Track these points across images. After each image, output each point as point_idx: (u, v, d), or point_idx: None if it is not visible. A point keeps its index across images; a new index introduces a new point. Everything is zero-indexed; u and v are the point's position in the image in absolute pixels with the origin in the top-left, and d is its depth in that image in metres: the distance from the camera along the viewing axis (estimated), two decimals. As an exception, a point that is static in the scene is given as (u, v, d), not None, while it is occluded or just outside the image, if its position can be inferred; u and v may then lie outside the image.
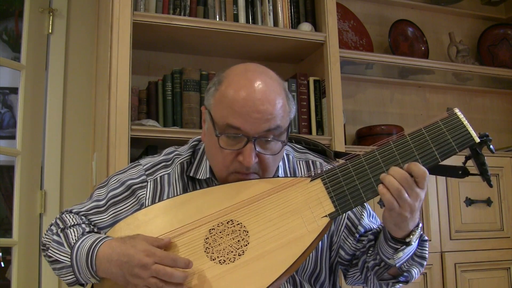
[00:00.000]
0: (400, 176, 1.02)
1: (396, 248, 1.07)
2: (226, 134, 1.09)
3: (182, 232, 1.07)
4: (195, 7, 2.11)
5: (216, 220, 1.07)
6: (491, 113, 3.02)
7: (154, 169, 1.25)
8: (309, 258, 1.21)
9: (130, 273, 1.00)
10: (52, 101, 2.36)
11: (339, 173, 1.08)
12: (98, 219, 1.21)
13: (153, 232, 1.07)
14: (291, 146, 1.34)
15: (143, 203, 1.21)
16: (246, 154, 1.08)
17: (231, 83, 1.11)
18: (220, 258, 1.03)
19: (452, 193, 2.31)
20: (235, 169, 1.12)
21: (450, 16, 3.01)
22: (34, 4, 2.37)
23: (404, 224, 1.04)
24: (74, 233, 1.13)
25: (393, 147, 1.08)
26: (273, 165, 1.16)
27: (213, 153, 1.15)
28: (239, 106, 1.07)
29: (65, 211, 1.24)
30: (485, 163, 1.12)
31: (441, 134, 1.08)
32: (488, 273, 2.32)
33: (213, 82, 1.17)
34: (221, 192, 1.11)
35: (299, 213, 1.06)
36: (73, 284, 1.14)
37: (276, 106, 1.10)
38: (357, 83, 2.73)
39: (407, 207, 1.01)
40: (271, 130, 1.09)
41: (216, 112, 1.12)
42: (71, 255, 1.09)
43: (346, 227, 1.24)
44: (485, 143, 1.11)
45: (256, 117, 1.07)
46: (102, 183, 1.28)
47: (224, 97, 1.10)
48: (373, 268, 1.15)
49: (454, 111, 1.11)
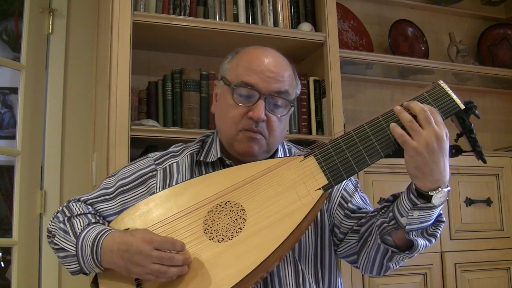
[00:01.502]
0: (416, 107, 1.07)
1: (415, 203, 1.06)
2: (240, 89, 1.20)
3: (182, 215, 1.10)
4: (195, 7, 2.11)
5: (214, 202, 1.11)
6: (491, 113, 3.02)
7: (163, 159, 1.29)
8: (308, 240, 1.22)
9: (131, 261, 1.02)
10: (52, 101, 2.36)
11: (330, 148, 1.12)
12: (105, 207, 1.22)
13: (154, 219, 1.11)
14: (293, 145, 1.38)
15: (154, 192, 1.23)
16: (257, 109, 1.18)
17: (247, 51, 1.27)
18: (218, 236, 1.06)
19: (452, 193, 2.31)
20: (244, 126, 1.19)
21: (450, 16, 3.01)
22: (34, 4, 2.37)
23: (427, 168, 1.04)
24: (80, 223, 1.15)
25: (381, 120, 1.12)
26: (278, 131, 1.23)
27: (224, 111, 1.23)
28: (254, 65, 1.21)
29: (72, 200, 1.25)
30: (473, 130, 1.15)
31: (428, 104, 1.12)
32: (488, 273, 2.32)
33: (229, 54, 1.30)
34: (218, 177, 1.15)
35: (293, 188, 1.10)
36: (76, 273, 1.15)
37: (286, 73, 1.24)
38: (357, 83, 2.73)
39: (422, 140, 1.03)
40: (281, 93, 1.21)
41: (232, 74, 1.24)
42: (77, 245, 1.10)
43: (339, 205, 1.27)
44: (470, 110, 1.15)
45: (269, 76, 1.20)
46: (111, 174, 1.31)
47: (241, 60, 1.24)
48: (380, 225, 1.12)
49: (438, 82, 1.16)
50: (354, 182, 1.32)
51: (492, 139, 2.97)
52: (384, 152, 1.10)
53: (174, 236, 1.06)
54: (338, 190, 1.28)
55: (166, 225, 1.09)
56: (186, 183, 1.17)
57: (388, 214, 1.12)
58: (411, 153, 1.04)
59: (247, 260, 1.02)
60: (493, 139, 2.96)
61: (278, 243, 1.03)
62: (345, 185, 1.29)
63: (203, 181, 1.15)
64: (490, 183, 2.39)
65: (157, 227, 1.09)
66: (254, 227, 1.06)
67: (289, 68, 1.27)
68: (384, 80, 2.76)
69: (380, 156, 1.10)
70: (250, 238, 1.05)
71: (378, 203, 1.15)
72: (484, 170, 2.38)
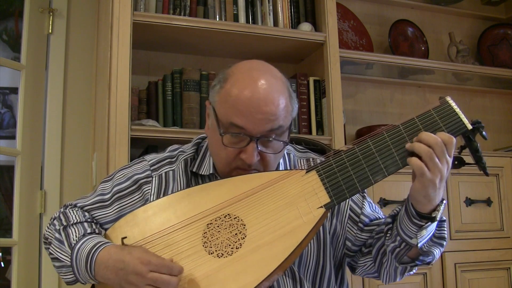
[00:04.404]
0: (432, 139, 1.03)
1: (420, 226, 1.06)
2: (229, 133, 1.11)
3: (180, 227, 1.08)
4: (195, 7, 2.11)
5: (213, 214, 1.09)
6: (491, 113, 3.02)
7: (159, 164, 1.26)
8: (310, 254, 1.21)
9: (126, 280, 1.01)
10: (52, 101, 2.36)
11: (333, 164, 1.09)
12: (102, 214, 1.21)
13: (152, 229, 1.09)
14: (292, 146, 1.35)
15: (148, 198, 1.21)
16: (249, 153, 1.10)
17: (236, 82, 1.13)
18: (218, 251, 1.05)
19: (452, 193, 2.31)
20: (238, 165, 1.14)
21: (450, 16, 3.01)
22: (34, 4, 2.37)
23: (434, 195, 1.04)
24: (75, 233, 1.13)
25: (386, 137, 1.09)
26: (274, 162, 1.18)
27: (216, 149, 1.17)
28: (243, 106, 1.09)
29: (69, 205, 1.23)
30: (478, 150, 1.12)
31: (434, 122, 1.09)
32: (488, 273, 2.32)
33: (218, 79, 1.18)
34: (218, 187, 1.13)
35: (295, 204, 1.08)
36: (73, 283, 1.14)
37: (279, 107, 1.11)
38: (357, 83, 2.73)
39: (438, 172, 1.02)
40: (274, 130, 1.11)
41: (220, 110, 1.13)
42: (71, 256, 1.09)
43: (350, 218, 1.25)
44: (477, 130, 1.12)
45: (259, 118, 1.09)
46: (107, 177, 1.28)
47: (229, 96, 1.12)
48: (393, 251, 1.12)
49: (446, 99, 1.12)
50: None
51: (492, 139, 2.96)
52: (389, 171, 1.07)
53: (172, 248, 1.05)
54: (346, 202, 1.26)
55: (164, 236, 1.07)
56: (185, 192, 1.14)
57: (396, 238, 1.11)
58: (426, 184, 1.03)
59: (247, 278, 1.00)
60: (493, 139, 2.96)
61: (278, 262, 1.01)
62: None
63: (203, 191, 1.13)
64: (490, 183, 2.39)
65: (155, 238, 1.08)
66: (254, 244, 1.04)
67: (284, 96, 1.14)
68: (384, 80, 2.76)
69: (384, 175, 1.07)
70: (250, 255, 1.03)
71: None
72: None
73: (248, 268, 1.01)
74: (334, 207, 1.23)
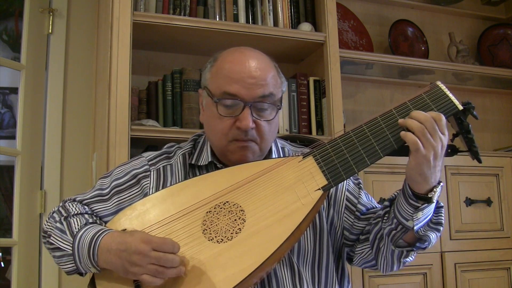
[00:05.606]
0: (422, 116, 1.06)
1: (416, 207, 1.07)
2: (223, 101, 1.16)
3: (179, 216, 1.10)
4: (195, 7, 2.11)
5: (212, 202, 1.10)
6: (491, 113, 3.02)
7: (157, 159, 1.28)
8: (308, 243, 1.22)
9: (129, 261, 1.02)
10: (52, 101, 2.36)
11: (329, 149, 1.13)
12: (101, 208, 1.22)
13: (151, 220, 1.10)
14: (287, 142, 1.37)
15: (147, 192, 1.22)
16: (243, 118, 1.15)
17: (226, 57, 1.22)
18: (218, 237, 1.06)
19: (452, 193, 2.31)
20: (234, 136, 1.17)
21: (450, 16, 3.01)
22: (34, 4, 2.37)
23: (429, 174, 1.05)
24: (77, 222, 1.15)
25: (380, 121, 1.13)
26: (269, 134, 1.21)
27: (212, 124, 1.21)
28: (234, 73, 1.17)
29: (68, 200, 1.24)
30: (470, 131, 1.15)
31: (426, 105, 1.14)
32: (488, 273, 2.32)
33: (208, 61, 1.26)
34: (215, 177, 1.15)
35: (292, 188, 1.10)
36: (72, 272, 1.15)
37: (268, 74, 1.19)
38: (357, 83, 2.73)
39: (431, 148, 1.04)
40: (265, 97, 1.18)
41: (213, 84, 1.20)
42: (73, 244, 1.10)
43: (347, 208, 1.27)
44: (468, 111, 1.15)
45: (250, 82, 1.16)
46: (105, 174, 1.30)
47: (220, 69, 1.20)
48: (389, 233, 1.14)
49: (436, 83, 1.16)
50: (354, 180, 1.33)
51: (492, 139, 2.97)
52: (383, 152, 1.11)
53: (172, 237, 1.06)
54: (342, 192, 1.28)
55: (163, 226, 1.09)
56: (183, 184, 1.16)
57: (393, 221, 1.13)
58: (420, 161, 1.05)
59: (247, 261, 1.02)
60: (493, 139, 2.96)
61: (278, 244, 1.03)
62: (346, 185, 1.30)
63: (201, 182, 1.15)
64: (490, 183, 2.39)
65: (155, 228, 1.09)
66: (254, 228, 1.06)
67: (271, 68, 1.23)
68: (384, 80, 2.76)
69: (379, 156, 1.10)
70: (249, 238, 1.05)
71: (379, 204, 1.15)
72: (484, 170, 2.38)
73: (248, 251, 1.03)
74: (336, 192, 1.27)
